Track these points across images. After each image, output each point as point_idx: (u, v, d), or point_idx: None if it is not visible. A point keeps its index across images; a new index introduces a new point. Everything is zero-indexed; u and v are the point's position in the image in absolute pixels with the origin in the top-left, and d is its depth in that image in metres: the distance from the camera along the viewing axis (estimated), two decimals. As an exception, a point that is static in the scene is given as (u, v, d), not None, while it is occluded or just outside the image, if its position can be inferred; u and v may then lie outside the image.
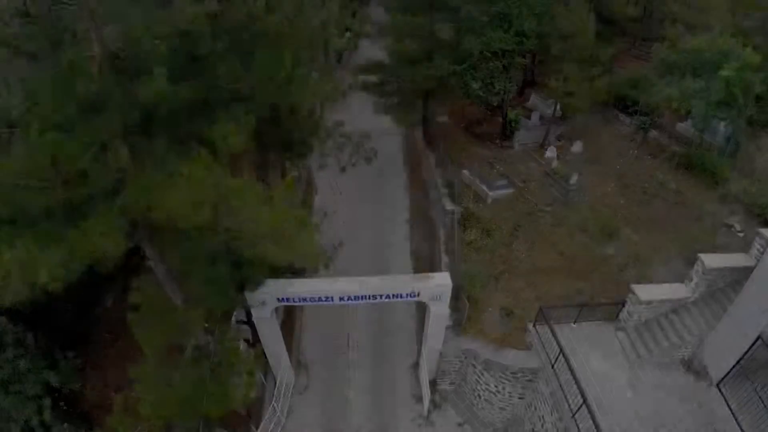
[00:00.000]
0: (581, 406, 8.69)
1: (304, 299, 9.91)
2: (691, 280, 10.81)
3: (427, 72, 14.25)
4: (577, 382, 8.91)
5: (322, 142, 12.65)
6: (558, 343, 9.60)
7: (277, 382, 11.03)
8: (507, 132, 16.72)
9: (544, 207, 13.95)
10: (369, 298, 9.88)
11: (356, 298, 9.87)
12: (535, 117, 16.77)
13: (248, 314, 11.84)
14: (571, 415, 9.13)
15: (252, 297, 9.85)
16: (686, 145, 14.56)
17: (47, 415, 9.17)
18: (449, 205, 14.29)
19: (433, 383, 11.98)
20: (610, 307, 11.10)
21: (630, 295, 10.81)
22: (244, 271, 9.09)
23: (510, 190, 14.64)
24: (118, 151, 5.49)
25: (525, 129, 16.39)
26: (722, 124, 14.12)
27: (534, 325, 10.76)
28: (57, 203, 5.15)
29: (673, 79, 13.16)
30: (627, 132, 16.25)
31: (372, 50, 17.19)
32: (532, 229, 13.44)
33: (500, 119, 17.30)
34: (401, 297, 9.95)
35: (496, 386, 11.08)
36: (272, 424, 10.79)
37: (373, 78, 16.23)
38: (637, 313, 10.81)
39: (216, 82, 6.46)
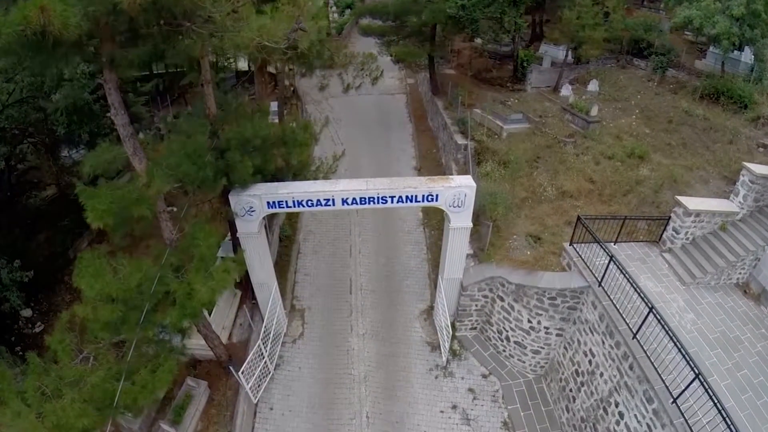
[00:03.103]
0: (646, 317, 7.03)
1: (300, 203, 8.25)
2: (738, 194, 9.63)
3: (435, 6, 13.38)
4: (639, 291, 7.27)
5: (323, 60, 11.47)
6: (607, 252, 8.04)
7: (265, 320, 9.07)
8: (518, 74, 15.82)
9: (565, 139, 12.76)
10: (377, 201, 8.27)
11: (362, 201, 8.26)
12: (546, 61, 15.97)
13: (234, 246, 10.14)
14: (632, 335, 7.44)
15: (238, 202, 8.19)
16: (708, 78, 13.77)
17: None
18: (461, 140, 13.01)
19: (452, 327, 10.13)
20: (651, 232, 9.75)
21: (675, 209, 9.48)
22: (227, 158, 7.49)
23: (526, 125, 13.48)
24: None
25: (537, 72, 15.52)
26: (743, 53, 13.45)
27: (571, 244, 9.23)
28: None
29: (691, 4, 12.58)
30: (643, 74, 15.49)
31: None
32: (555, 159, 12.18)
33: (510, 67, 16.45)
34: (415, 200, 8.37)
35: (529, 320, 9.31)
36: (258, 371, 8.73)
37: (378, 22, 15.38)
38: (684, 230, 9.43)
39: None
